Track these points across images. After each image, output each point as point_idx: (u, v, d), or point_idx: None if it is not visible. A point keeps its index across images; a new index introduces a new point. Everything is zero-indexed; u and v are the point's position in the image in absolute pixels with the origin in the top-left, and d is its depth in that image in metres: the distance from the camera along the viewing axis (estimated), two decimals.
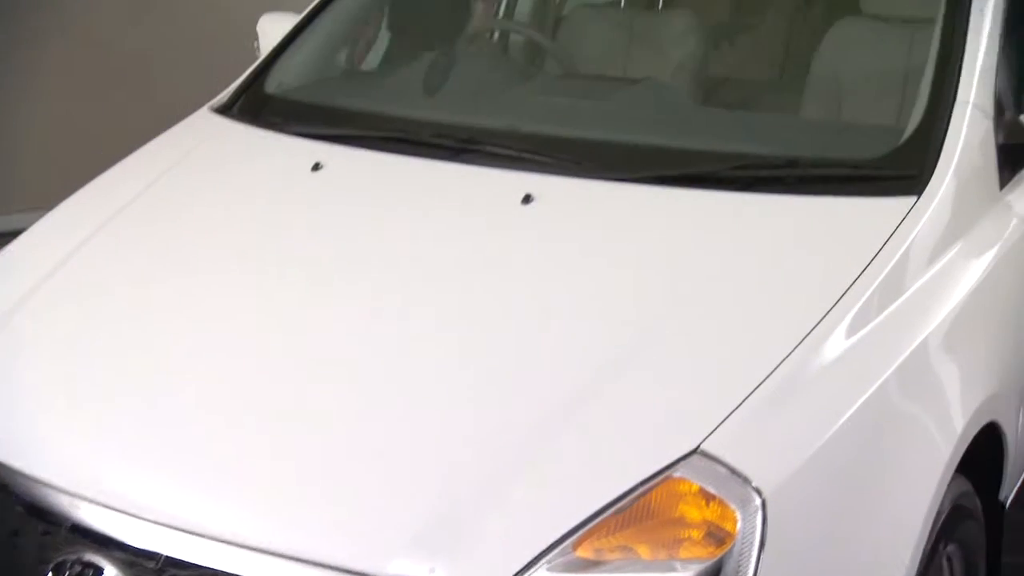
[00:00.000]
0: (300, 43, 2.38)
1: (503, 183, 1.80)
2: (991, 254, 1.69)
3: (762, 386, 1.38)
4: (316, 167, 1.93)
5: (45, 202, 2.11)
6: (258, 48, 2.44)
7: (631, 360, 1.44)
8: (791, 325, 1.47)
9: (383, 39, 2.65)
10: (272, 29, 2.43)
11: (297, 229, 1.83)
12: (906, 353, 1.50)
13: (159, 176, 2.03)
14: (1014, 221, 1.75)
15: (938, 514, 1.48)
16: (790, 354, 1.42)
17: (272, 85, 2.28)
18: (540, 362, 1.49)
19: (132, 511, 1.37)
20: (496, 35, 2.91)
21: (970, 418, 1.54)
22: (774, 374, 1.40)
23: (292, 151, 2.02)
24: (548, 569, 1.24)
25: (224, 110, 2.23)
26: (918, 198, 1.62)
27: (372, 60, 2.59)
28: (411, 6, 2.68)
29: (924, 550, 1.44)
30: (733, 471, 1.28)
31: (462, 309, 1.60)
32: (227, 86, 2.31)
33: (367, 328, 1.59)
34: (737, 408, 1.35)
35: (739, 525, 1.25)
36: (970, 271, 1.64)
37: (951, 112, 1.71)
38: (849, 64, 2.22)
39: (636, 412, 1.39)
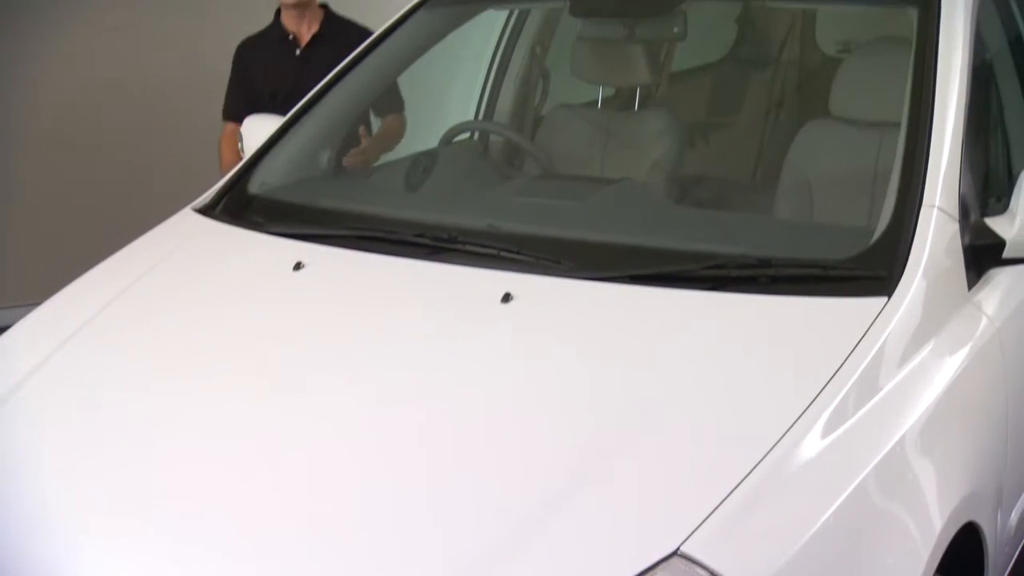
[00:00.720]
0: (283, 144, 2.43)
1: (483, 282, 1.83)
2: (963, 354, 1.71)
3: (741, 486, 1.38)
4: (298, 266, 1.95)
5: (31, 298, 2.13)
6: (242, 149, 2.49)
7: (608, 461, 1.44)
8: (768, 425, 1.47)
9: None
10: (256, 130, 2.48)
11: (279, 328, 1.84)
12: (883, 452, 1.51)
13: (141, 276, 2.04)
14: (984, 321, 1.78)
15: None
16: (768, 454, 1.43)
17: (255, 185, 2.32)
18: (517, 463, 1.48)
19: None
20: (476, 135, 2.97)
21: (948, 518, 1.54)
22: (753, 474, 1.40)
23: (274, 250, 2.04)
24: None
25: (207, 210, 2.26)
26: (888, 299, 1.65)
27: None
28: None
29: None
30: (713, 574, 1.28)
31: (441, 409, 1.60)
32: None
33: (346, 429, 1.58)
34: (716, 509, 1.35)
35: None
36: (943, 371, 1.66)
37: (918, 215, 1.75)
38: (819, 165, 2.29)
39: (614, 514, 1.38)
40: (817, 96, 2.57)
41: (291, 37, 3.32)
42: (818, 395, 1.51)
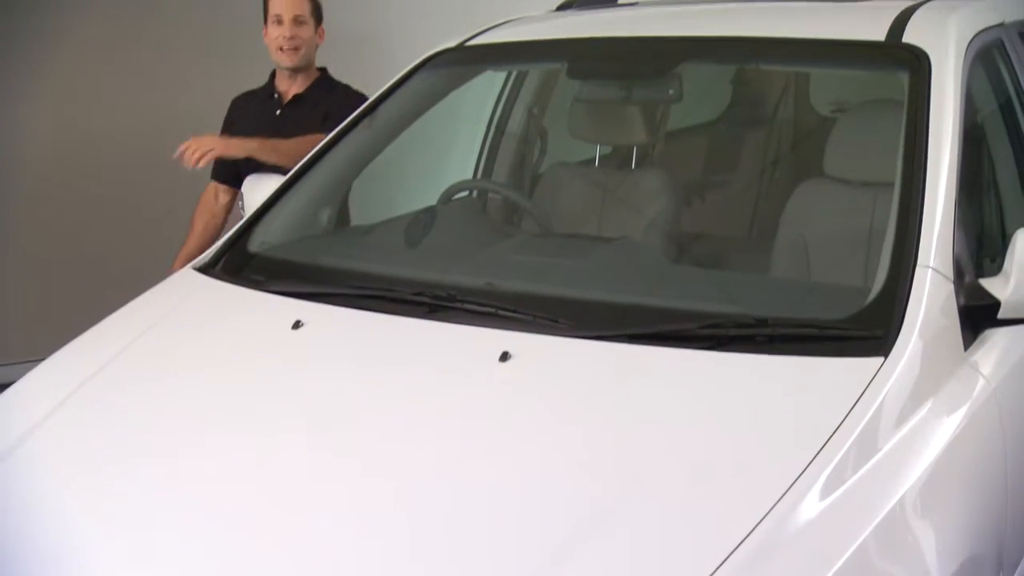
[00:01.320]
0: (283, 203, 2.45)
1: (481, 341, 1.83)
2: (960, 415, 1.71)
3: (740, 548, 1.37)
4: (296, 325, 1.96)
5: (33, 355, 2.14)
6: (242, 208, 2.51)
7: (606, 523, 1.43)
8: (766, 485, 1.47)
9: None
10: (256, 189, 2.50)
11: (276, 388, 1.84)
12: (882, 514, 1.50)
13: (141, 334, 2.05)
14: (981, 382, 1.78)
15: None
16: (766, 515, 1.42)
17: (255, 244, 2.34)
18: (514, 524, 1.47)
19: None
20: (475, 193, 3.00)
21: None
22: (751, 536, 1.39)
23: (273, 309, 2.05)
24: None
25: (206, 269, 2.28)
26: (885, 359, 1.65)
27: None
28: None
29: None
30: None
31: (437, 469, 1.59)
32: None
33: (342, 489, 1.58)
34: (715, 571, 1.34)
35: None
36: (941, 432, 1.66)
37: (912, 275, 1.76)
38: (815, 224, 2.31)
39: (613, 575, 1.37)
40: (812, 155, 2.60)
41: (276, 95, 3.34)
42: (816, 455, 1.51)
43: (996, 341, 1.85)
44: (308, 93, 3.31)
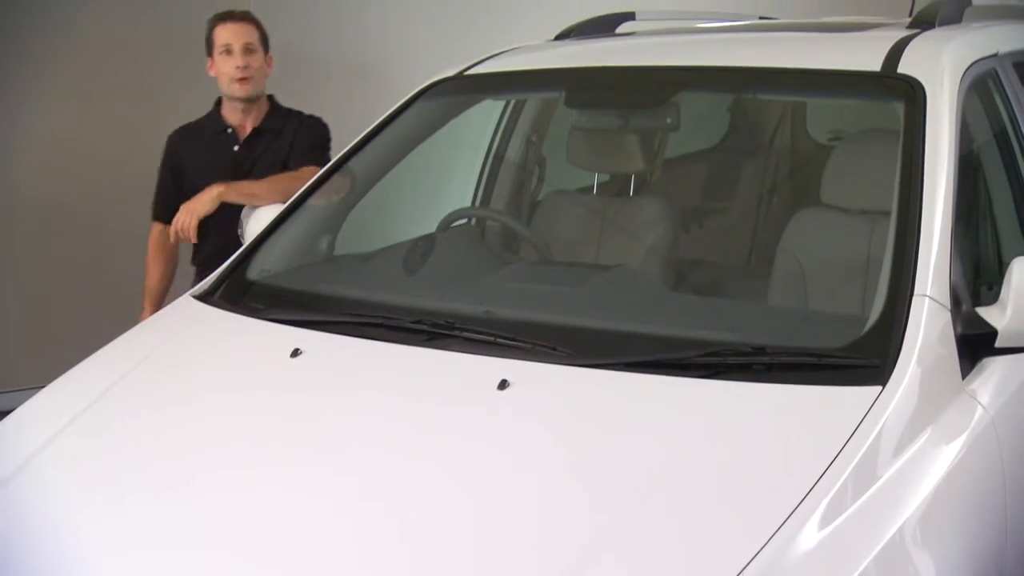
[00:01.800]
0: (282, 231, 2.46)
1: (480, 369, 1.83)
2: (959, 443, 1.71)
3: None
4: (295, 353, 1.96)
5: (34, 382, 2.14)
6: (242, 236, 2.52)
7: (604, 553, 1.43)
8: (766, 514, 1.47)
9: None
10: (255, 218, 2.51)
11: (275, 416, 1.84)
12: (883, 543, 1.50)
13: (140, 362, 2.05)
14: (979, 411, 1.78)
15: None
16: (766, 544, 1.42)
17: (254, 271, 2.34)
18: (509, 554, 1.47)
19: None
20: (474, 220, 3.01)
21: None
22: (751, 565, 1.39)
23: (271, 337, 2.05)
24: None
25: (205, 297, 2.28)
26: (883, 388, 1.65)
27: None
28: None
29: None
30: None
31: (436, 498, 1.59)
32: None
33: (338, 518, 1.57)
34: None
35: None
36: (940, 461, 1.65)
37: (909, 304, 1.76)
38: (812, 252, 2.31)
39: None
40: (809, 183, 2.61)
41: (230, 130, 3.20)
42: (815, 484, 1.51)
43: (994, 370, 1.85)
44: (267, 124, 3.22)
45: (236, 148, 3.19)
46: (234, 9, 3.22)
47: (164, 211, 3.20)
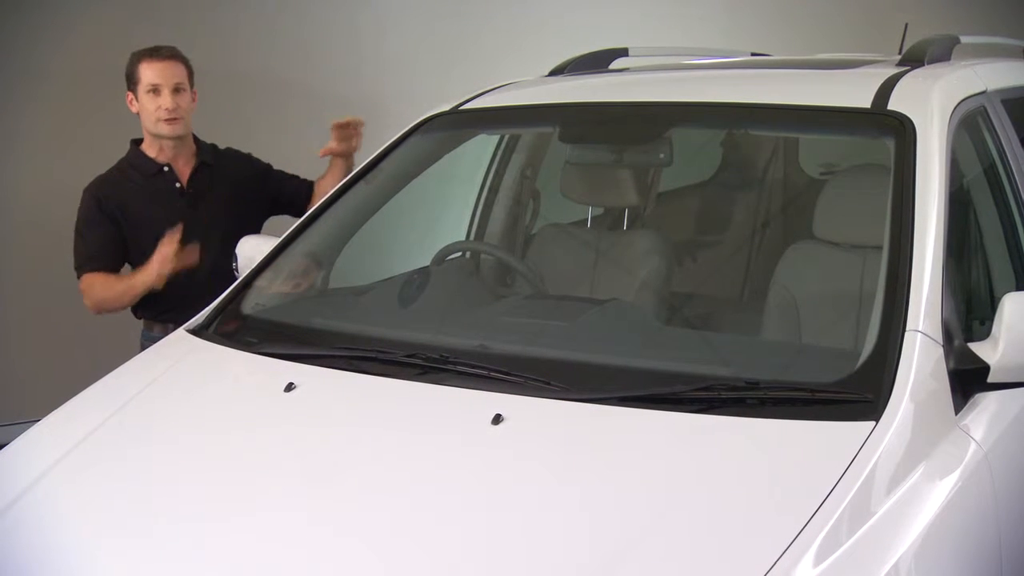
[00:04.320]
0: (277, 265, 2.46)
1: (474, 403, 1.83)
2: (953, 479, 1.71)
3: None
4: (289, 387, 1.96)
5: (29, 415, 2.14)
6: (236, 269, 2.52)
7: None
8: (760, 550, 1.46)
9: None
10: (250, 251, 2.52)
11: (269, 451, 1.83)
12: None
13: (134, 396, 2.05)
14: (972, 446, 1.78)
15: None
16: None
17: (248, 306, 2.35)
18: None
19: None
20: (468, 254, 3.02)
21: None
22: None
23: (266, 371, 2.05)
24: None
25: (200, 331, 2.28)
26: (876, 423, 1.66)
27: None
28: None
29: None
30: None
31: (431, 533, 1.58)
32: None
33: (332, 554, 1.57)
34: None
35: None
36: (933, 496, 1.65)
37: (902, 339, 1.77)
38: (805, 286, 2.32)
39: None
40: (801, 217, 2.63)
41: (167, 168, 3.09)
42: (809, 520, 1.50)
43: (987, 405, 1.86)
44: (204, 158, 3.14)
45: (178, 185, 3.10)
46: (161, 45, 3.09)
47: (100, 262, 3.02)
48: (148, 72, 3.04)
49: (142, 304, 3.08)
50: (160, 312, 3.09)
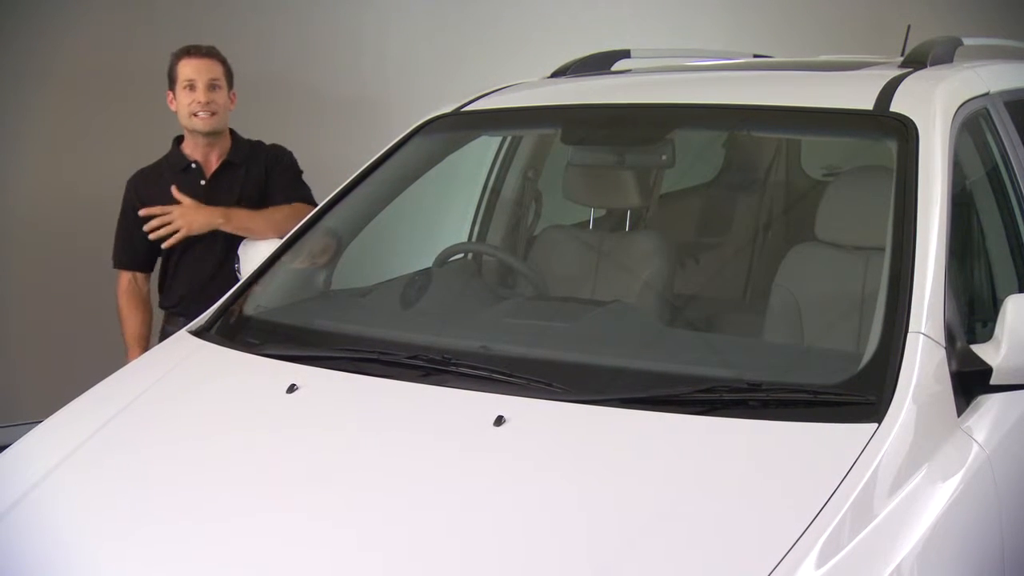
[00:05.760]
0: (279, 266, 2.46)
1: (476, 405, 1.83)
2: (955, 481, 1.71)
3: None
4: (291, 389, 1.96)
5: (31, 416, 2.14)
6: (239, 271, 2.52)
7: None
8: (762, 553, 1.46)
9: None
10: (252, 253, 2.52)
11: (271, 452, 1.83)
12: None
13: (136, 398, 2.05)
14: (975, 448, 1.78)
15: None
16: None
17: (250, 307, 2.35)
18: None
19: None
20: (470, 256, 3.02)
21: None
22: None
23: (268, 373, 2.05)
24: None
25: (202, 332, 2.28)
26: (879, 425, 1.66)
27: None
28: None
29: None
30: None
31: (433, 534, 1.58)
32: None
33: (334, 555, 1.57)
34: None
35: None
36: (936, 499, 1.65)
37: (904, 341, 1.77)
38: (807, 288, 2.32)
39: None
40: (804, 219, 2.63)
41: (194, 165, 3.15)
42: (812, 522, 1.50)
43: (989, 407, 1.86)
44: (233, 157, 3.17)
45: (203, 183, 3.14)
46: (200, 44, 3.15)
47: (129, 258, 3.15)
48: (185, 68, 3.11)
49: (163, 294, 3.19)
50: (172, 304, 3.17)
